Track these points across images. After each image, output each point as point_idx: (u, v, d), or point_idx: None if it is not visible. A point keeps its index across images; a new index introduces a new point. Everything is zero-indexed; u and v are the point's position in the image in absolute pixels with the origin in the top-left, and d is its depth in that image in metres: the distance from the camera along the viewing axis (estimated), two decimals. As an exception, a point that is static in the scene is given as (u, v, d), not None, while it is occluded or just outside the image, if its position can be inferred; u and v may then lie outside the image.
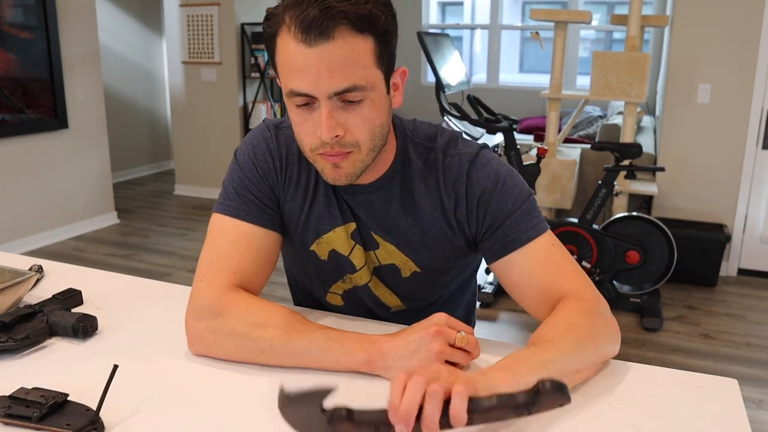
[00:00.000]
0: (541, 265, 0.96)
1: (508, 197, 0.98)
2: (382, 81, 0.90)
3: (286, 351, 0.90)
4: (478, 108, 3.30)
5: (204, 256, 0.99)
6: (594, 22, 5.96)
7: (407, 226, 1.03)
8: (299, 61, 0.84)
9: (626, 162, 3.50)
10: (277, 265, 1.07)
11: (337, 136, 0.87)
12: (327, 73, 0.83)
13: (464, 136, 1.06)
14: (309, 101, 0.87)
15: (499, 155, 3.48)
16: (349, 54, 0.83)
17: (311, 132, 0.89)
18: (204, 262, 0.99)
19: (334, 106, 0.86)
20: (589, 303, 0.93)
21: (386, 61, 0.90)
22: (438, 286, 1.11)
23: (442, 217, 1.02)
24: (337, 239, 1.05)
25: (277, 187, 1.04)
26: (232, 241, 0.99)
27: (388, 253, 1.05)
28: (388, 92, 0.93)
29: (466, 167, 1.00)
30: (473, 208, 1.00)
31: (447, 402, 0.68)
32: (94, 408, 0.78)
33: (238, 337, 0.91)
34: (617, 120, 4.22)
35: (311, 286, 1.16)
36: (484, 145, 1.05)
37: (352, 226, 1.04)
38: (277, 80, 0.94)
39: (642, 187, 3.76)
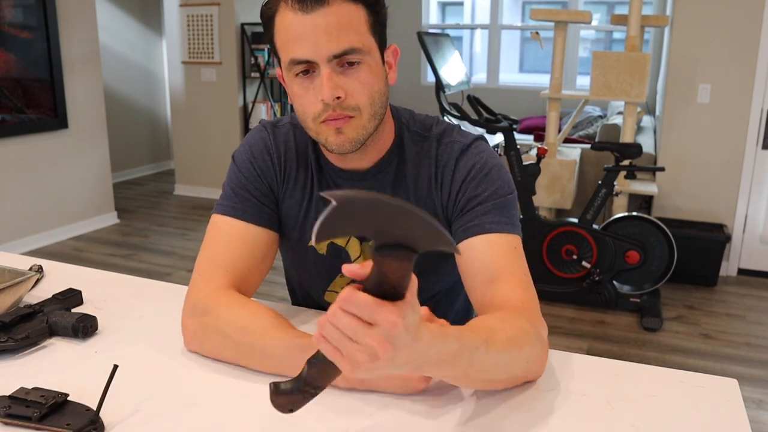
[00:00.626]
0: (498, 258, 0.93)
1: (487, 186, 0.98)
2: (377, 50, 0.93)
3: (267, 361, 0.89)
4: (478, 108, 3.30)
5: (200, 255, 1.01)
6: (594, 22, 5.96)
7: None
8: (297, 29, 0.88)
9: (626, 162, 3.50)
10: (278, 265, 1.07)
11: (338, 97, 0.89)
12: (325, 36, 0.87)
13: (462, 128, 1.06)
14: (309, 68, 0.90)
15: (499, 155, 3.50)
16: (344, 19, 0.88)
17: (313, 100, 0.91)
18: (200, 261, 1.00)
19: (333, 70, 0.89)
20: (535, 320, 0.89)
21: (379, 30, 0.93)
22: (432, 281, 1.11)
23: (429, 205, 1.03)
24: None
25: (275, 184, 1.05)
26: (226, 239, 1.00)
27: None
28: (383, 64, 0.95)
29: (456, 155, 1.01)
30: (455, 193, 1.00)
31: None
32: (94, 408, 0.78)
33: (221, 337, 0.92)
34: (617, 120, 4.21)
35: (310, 285, 1.16)
36: (480, 137, 1.05)
37: None
38: (278, 69, 0.96)
39: (642, 187, 3.76)
